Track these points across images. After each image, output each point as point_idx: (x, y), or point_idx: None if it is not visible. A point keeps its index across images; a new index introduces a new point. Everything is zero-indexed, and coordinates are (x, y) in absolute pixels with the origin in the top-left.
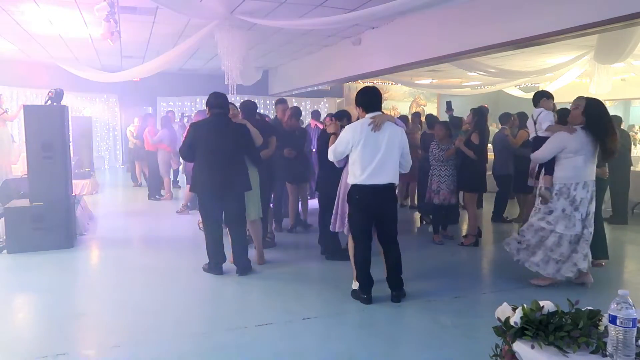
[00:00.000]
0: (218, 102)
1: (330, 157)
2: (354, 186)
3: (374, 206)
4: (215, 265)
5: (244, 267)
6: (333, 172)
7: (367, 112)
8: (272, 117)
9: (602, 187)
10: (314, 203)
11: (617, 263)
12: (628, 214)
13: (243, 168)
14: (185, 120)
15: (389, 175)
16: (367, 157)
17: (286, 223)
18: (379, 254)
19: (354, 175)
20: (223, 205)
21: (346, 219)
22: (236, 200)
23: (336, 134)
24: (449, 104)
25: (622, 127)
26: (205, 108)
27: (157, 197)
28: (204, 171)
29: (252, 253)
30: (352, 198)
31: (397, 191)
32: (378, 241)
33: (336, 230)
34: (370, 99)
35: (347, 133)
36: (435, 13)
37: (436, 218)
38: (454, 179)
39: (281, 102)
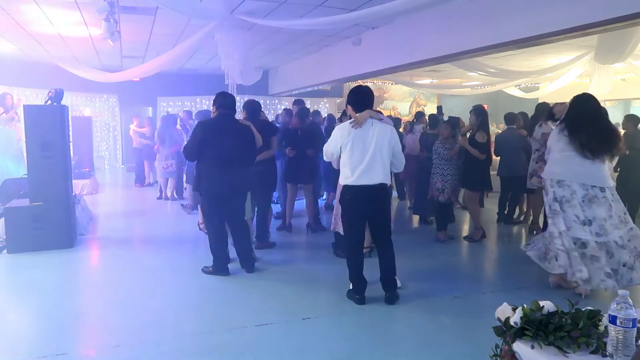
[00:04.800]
0: (227, 102)
1: (324, 156)
2: (345, 187)
3: (365, 206)
4: (221, 267)
5: (252, 265)
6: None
7: (357, 112)
8: (271, 117)
9: None
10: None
11: None
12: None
13: (246, 168)
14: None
15: (379, 175)
16: (356, 158)
17: (299, 223)
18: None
19: (345, 176)
20: (228, 204)
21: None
22: (241, 200)
23: None
24: (439, 108)
25: (638, 128)
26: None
27: (181, 202)
28: (211, 171)
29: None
30: (344, 199)
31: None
32: (373, 240)
33: (335, 230)
34: (360, 98)
35: (336, 133)
36: (435, 13)
37: (440, 216)
38: (457, 177)
39: (295, 102)
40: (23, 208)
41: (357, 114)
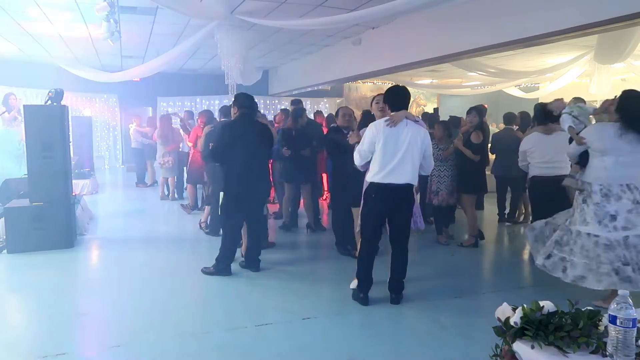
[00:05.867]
0: (247, 102)
1: (357, 160)
2: (371, 184)
3: (388, 205)
4: (225, 267)
5: (258, 264)
6: (341, 177)
7: (392, 111)
8: (271, 117)
9: None
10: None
11: None
12: None
13: (267, 168)
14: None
15: (407, 175)
16: (387, 156)
17: (299, 223)
18: (386, 255)
19: (373, 172)
20: (250, 203)
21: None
22: (262, 199)
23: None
24: (435, 110)
25: None
26: (198, 109)
27: (181, 202)
28: (239, 172)
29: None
30: (368, 196)
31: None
32: (389, 241)
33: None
34: (397, 98)
35: (370, 131)
36: (435, 13)
37: (438, 219)
38: (453, 179)
39: (292, 102)
40: (23, 208)
41: (392, 113)
